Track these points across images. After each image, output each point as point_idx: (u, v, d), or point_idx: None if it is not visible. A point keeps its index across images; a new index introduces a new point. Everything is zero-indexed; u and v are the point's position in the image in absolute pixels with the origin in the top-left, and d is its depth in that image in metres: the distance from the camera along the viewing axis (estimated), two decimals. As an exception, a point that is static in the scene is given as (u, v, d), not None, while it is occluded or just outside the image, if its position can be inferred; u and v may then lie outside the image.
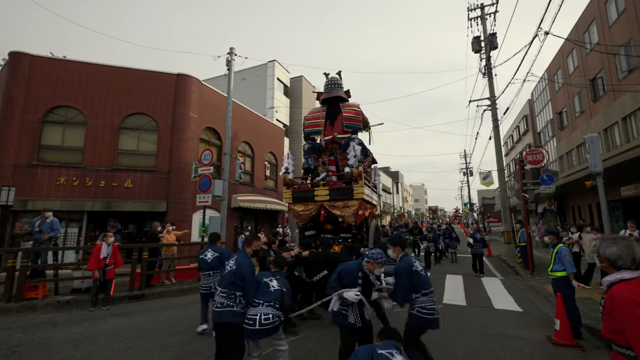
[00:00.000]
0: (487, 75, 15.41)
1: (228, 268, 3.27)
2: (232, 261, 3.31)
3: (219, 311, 3.11)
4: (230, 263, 3.30)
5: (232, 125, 15.55)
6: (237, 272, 3.17)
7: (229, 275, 3.19)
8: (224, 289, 3.16)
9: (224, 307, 3.09)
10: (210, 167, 9.42)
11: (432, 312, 3.38)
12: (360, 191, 6.95)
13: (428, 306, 3.38)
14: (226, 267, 3.32)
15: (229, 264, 3.30)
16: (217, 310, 3.13)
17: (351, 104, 9.07)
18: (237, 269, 3.20)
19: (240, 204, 14.59)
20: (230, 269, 3.22)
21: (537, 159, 9.98)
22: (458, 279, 9.47)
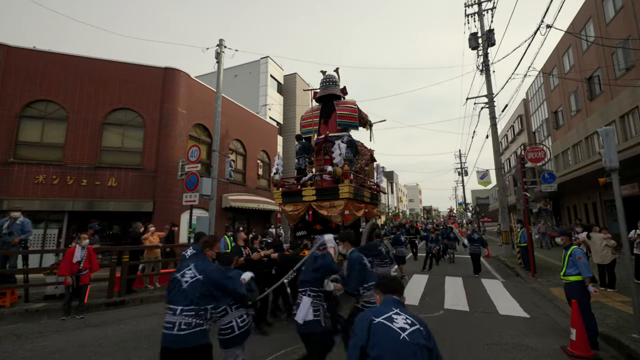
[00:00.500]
0: (485, 72, 15.11)
1: (189, 280, 2.65)
2: (189, 271, 2.70)
3: (184, 334, 2.50)
4: (188, 274, 2.68)
5: (223, 122, 15.02)
6: (206, 281, 2.66)
7: (196, 287, 2.63)
8: (190, 306, 2.56)
9: (191, 328, 2.52)
10: (198, 165, 8.90)
11: None
12: (346, 190, 6.68)
13: (372, 300, 3.32)
14: (183, 280, 2.65)
15: (187, 274, 2.68)
16: (182, 333, 2.49)
17: (346, 102, 8.78)
18: (206, 277, 2.67)
19: (232, 204, 14.06)
20: (194, 280, 2.65)
21: (538, 156, 9.66)
22: (458, 281, 9.09)
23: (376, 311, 1.81)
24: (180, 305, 2.56)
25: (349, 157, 7.75)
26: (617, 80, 16.02)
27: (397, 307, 1.81)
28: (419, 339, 1.65)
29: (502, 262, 12.72)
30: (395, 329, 1.66)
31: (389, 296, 1.91)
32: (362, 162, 8.56)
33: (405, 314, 1.77)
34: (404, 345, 1.60)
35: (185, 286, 2.63)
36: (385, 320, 1.70)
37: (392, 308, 1.79)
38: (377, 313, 1.77)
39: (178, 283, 2.66)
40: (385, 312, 1.76)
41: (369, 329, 1.69)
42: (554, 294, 7.20)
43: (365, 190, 8.05)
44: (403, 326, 1.68)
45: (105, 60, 11.68)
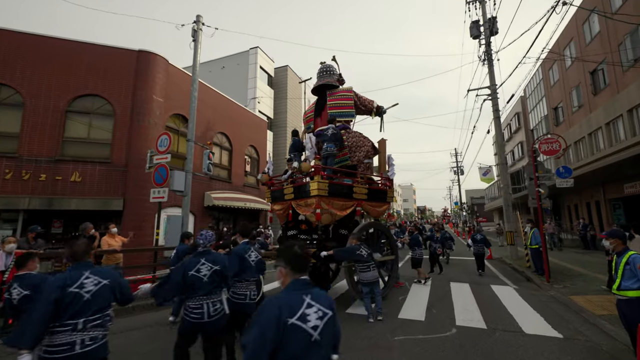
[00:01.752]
0: (487, 62, 14.17)
1: (87, 295, 2.31)
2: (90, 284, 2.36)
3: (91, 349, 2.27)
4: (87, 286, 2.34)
5: (207, 113, 13.83)
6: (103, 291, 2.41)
7: (98, 301, 2.35)
8: (95, 317, 2.32)
9: (97, 342, 2.31)
10: (168, 156, 7.71)
11: (242, 298, 3.82)
12: (315, 187, 6.10)
13: (239, 291, 3.80)
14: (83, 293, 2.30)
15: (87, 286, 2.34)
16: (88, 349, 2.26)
17: (340, 90, 7.87)
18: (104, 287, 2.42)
19: (215, 202, 12.87)
20: (95, 290, 2.36)
21: (552, 148, 8.69)
22: (465, 288, 8.06)
23: (288, 304, 1.54)
24: (86, 315, 2.32)
25: (330, 151, 6.85)
26: (626, 72, 15.25)
27: (308, 294, 1.61)
28: (330, 331, 1.59)
29: (508, 264, 11.76)
30: (308, 329, 1.51)
31: (300, 278, 1.65)
32: (359, 155, 7.52)
33: (316, 302, 1.60)
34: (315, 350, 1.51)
35: (84, 300, 2.34)
36: (299, 320, 1.51)
37: (304, 297, 1.60)
38: (290, 308, 1.53)
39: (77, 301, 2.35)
40: (298, 306, 1.55)
41: (283, 332, 1.45)
42: (580, 305, 6.20)
43: (358, 186, 7.08)
44: (315, 323, 1.54)
45: (70, 40, 10.40)
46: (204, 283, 3.06)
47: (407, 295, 7.43)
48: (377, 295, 5.77)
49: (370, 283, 5.76)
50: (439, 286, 8.34)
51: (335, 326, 1.66)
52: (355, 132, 7.77)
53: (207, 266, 3.13)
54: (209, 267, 3.13)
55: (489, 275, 9.87)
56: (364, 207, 7.14)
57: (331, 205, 6.27)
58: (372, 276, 5.75)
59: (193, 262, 3.15)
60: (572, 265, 10.95)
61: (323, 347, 1.54)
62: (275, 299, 1.57)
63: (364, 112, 8.31)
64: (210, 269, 3.13)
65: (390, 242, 7.89)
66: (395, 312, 6.07)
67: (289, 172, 7.15)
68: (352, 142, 7.48)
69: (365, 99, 8.14)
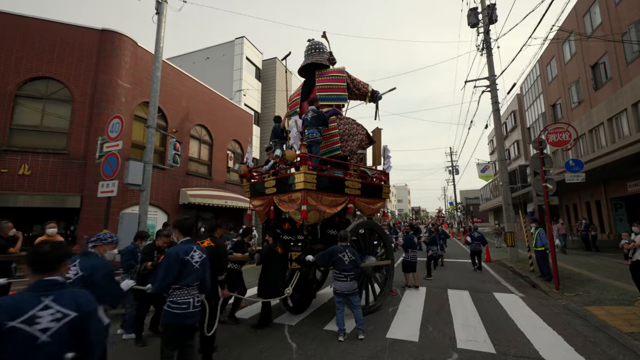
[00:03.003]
0: (486, 51, 13.27)
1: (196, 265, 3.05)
2: None
3: None
4: None
5: (184, 103, 12.70)
6: None
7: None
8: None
9: None
10: (119, 143, 6.57)
11: (185, 307, 3.09)
12: (301, 179, 5.22)
13: (179, 300, 3.08)
14: None
15: None
16: None
17: (331, 70, 6.98)
18: None
19: (191, 200, 11.75)
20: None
21: (562, 138, 7.76)
22: (464, 296, 7.07)
23: (14, 306, 1.46)
24: None
25: (313, 138, 5.96)
26: (630, 64, 14.49)
27: (50, 296, 1.54)
28: (69, 332, 1.55)
29: (509, 268, 10.83)
30: (34, 332, 1.45)
31: (44, 279, 1.59)
32: (352, 144, 6.61)
33: (58, 303, 1.53)
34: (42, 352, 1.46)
35: None
36: (22, 323, 1.43)
37: (42, 299, 1.52)
38: (14, 311, 1.44)
39: None
40: (28, 309, 1.46)
41: None
42: (600, 318, 5.25)
43: (351, 180, 6.12)
44: (47, 325, 1.48)
45: (20, 15, 9.22)
46: None
47: (399, 306, 6.42)
48: (355, 308, 4.76)
49: (344, 295, 4.77)
50: (435, 294, 7.35)
51: (84, 326, 1.60)
52: (348, 119, 6.85)
53: None
54: None
55: (490, 281, 8.92)
56: (356, 204, 6.24)
57: (319, 201, 5.42)
58: (346, 287, 4.74)
59: None
60: (578, 268, 10.06)
61: (54, 348, 1.50)
62: None
63: (358, 97, 7.41)
64: None
65: (386, 244, 7.00)
66: (382, 329, 5.05)
67: (271, 162, 6.32)
68: (344, 130, 6.57)
69: (359, 82, 7.26)
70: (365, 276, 5.98)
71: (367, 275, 6.02)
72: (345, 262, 4.74)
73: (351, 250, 4.84)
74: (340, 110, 7.10)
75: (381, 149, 7.27)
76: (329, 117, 6.55)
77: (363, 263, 5.96)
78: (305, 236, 5.56)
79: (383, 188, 7.13)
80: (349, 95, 7.06)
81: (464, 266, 11.89)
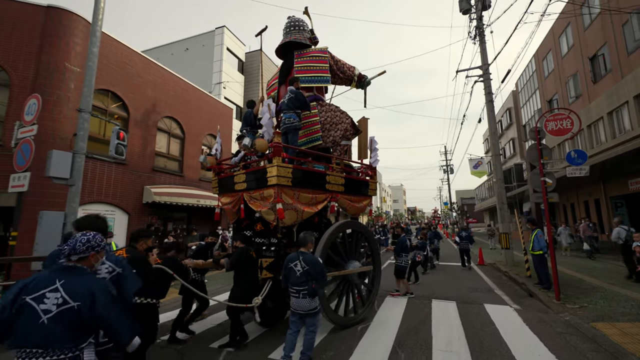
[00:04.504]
0: (479, 38, 12.32)
1: None
2: None
3: None
4: None
5: (149, 93, 11.60)
6: None
7: None
8: None
9: None
10: (34, 127, 5.50)
11: None
12: (274, 173, 4.55)
13: None
14: None
15: None
16: None
17: (312, 50, 6.26)
18: None
19: (156, 199, 10.66)
20: None
21: (562, 127, 6.79)
22: (450, 309, 6.07)
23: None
24: None
25: (290, 124, 5.19)
26: (631, 54, 13.61)
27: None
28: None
29: (503, 273, 9.85)
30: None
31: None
32: (335, 134, 5.95)
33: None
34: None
35: None
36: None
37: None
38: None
39: None
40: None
41: None
42: (613, 340, 4.26)
43: (333, 174, 5.44)
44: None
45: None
46: None
47: (372, 321, 5.40)
48: (307, 332, 3.78)
49: (299, 314, 3.77)
50: (416, 306, 6.33)
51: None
52: (331, 106, 6.17)
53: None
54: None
55: (481, 289, 7.93)
56: (340, 201, 5.58)
57: (296, 198, 4.81)
58: (298, 306, 3.75)
59: None
60: (580, 273, 9.10)
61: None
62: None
63: (342, 81, 6.65)
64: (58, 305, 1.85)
65: (372, 248, 6.22)
66: (342, 356, 4.03)
67: (241, 153, 5.63)
68: (325, 118, 5.91)
69: (344, 64, 6.50)
70: (348, 283, 5.36)
71: (350, 282, 5.39)
72: (296, 274, 3.76)
73: (309, 258, 3.84)
74: (322, 96, 6.41)
75: (368, 140, 6.51)
76: (310, 103, 5.79)
77: (345, 269, 5.25)
78: (279, 239, 4.87)
79: (369, 184, 6.42)
80: (333, 79, 6.31)
81: (455, 270, 10.91)
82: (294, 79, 5.57)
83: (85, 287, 1.89)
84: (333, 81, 6.37)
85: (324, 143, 5.83)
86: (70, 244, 1.98)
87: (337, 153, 5.97)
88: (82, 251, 1.99)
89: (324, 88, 6.60)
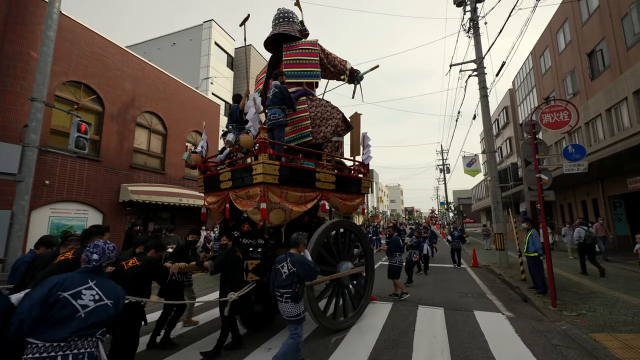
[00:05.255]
0: (473, 31, 11.84)
1: None
2: None
3: None
4: None
5: (127, 86, 11.05)
6: None
7: None
8: None
9: None
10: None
11: None
12: (260, 171, 4.34)
13: None
14: None
15: None
16: None
17: (302, 43, 6.02)
18: None
19: (133, 197, 10.10)
20: None
21: (559, 119, 6.30)
22: (437, 317, 5.56)
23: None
24: None
25: (276, 120, 5.02)
26: (631, 48, 13.17)
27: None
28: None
29: (497, 275, 9.37)
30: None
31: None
32: (326, 130, 5.71)
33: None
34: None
35: None
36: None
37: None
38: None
39: None
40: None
41: None
42: (615, 355, 3.76)
43: (323, 172, 5.21)
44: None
45: None
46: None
47: (349, 331, 4.89)
48: (288, 338, 3.46)
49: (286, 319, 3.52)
50: (400, 313, 5.82)
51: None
52: (321, 100, 6.00)
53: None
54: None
55: (473, 293, 7.43)
56: (331, 200, 5.35)
57: (284, 197, 4.60)
58: (282, 310, 3.50)
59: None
60: (577, 276, 8.63)
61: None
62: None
63: (333, 76, 6.43)
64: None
65: (365, 248, 6.04)
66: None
67: (226, 150, 5.39)
68: (315, 113, 5.70)
69: (335, 57, 6.26)
70: (339, 285, 5.12)
71: (341, 285, 5.15)
72: (282, 276, 3.51)
73: (297, 259, 3.53)
74: (312, 91, 6.21)
75: (360, 136, 6.26)
76: (298, 98, 5.67)
77: (338, 272, 5.04)
78: (266, 240, 4.71)
79: (362, 182, 6.21)
80: (323, 73, 6.18)
81: (448, 272, 10.42)
82: (278, 73, 5.35)
83: (114, 289, 2.21)
84: (324, 75, 6.20)
85: (314, 139, 5.57)
86: (98, 251, 2.23)
87: (327, 149, 5.71)
88: (109, 257, 2.28)
89: (314, 82, 6.40)
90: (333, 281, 5.06)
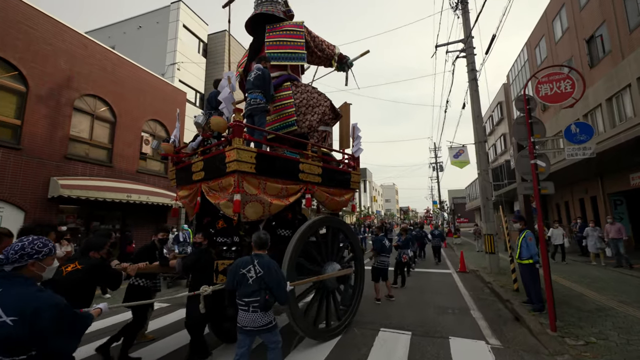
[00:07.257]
0: (461, 6, 10.52)
1: None
2: None
3: None
4: None
5: (62, 64, 9.54)
6: None
7: None
8: None
9: None
10: None
11: None
12: (233, 157, 3.66)
13: None
14: None
15: None
16: None
17: (286, 25, 5.52)
18: None
19: (64, 192, 8.62)
20: None
21: (559, 90, 4.97)
22: (399, 347, 4.18)
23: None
24: None
25: (256, 105, 4.49)
26: (633, 32, 11.95)
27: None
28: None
29: (486, 284, 8.02)
30: None
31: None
32: (312, 119, 5.22)
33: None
34: None
35: None
36: None
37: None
38: None
39: None
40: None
41: None
42: None
43: (308, 163, 4.65)
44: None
45: None
46: None
47: None
48: (270, 351, 3.00)
49: (248, 331, 2.93)
50: (352, 341, 4.43)
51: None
52: (307, 86, 5.51)
53: None
54: None
55: (454, 308, 6.07)
56: (316, 194, 4.85)
57: (262, 189, 4.04)
58: (248, 321, 2.90)
59: None
60: (581, 284, 7.31)
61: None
62: None
63: (321, 61, 5.98)
64: None
65: (354, 248, 5.61)
66: None
67: (199, 138, 4.86)
68: (301, 100, 5.24)
69: (322, 41, 5.77)
70: (325, 290, 4.63)
71: (327, 288, 4.66)
72: (248, 281, 2.95)
73: (265, 262, 3.02)
74: (297, 76, 5.65)
75: (350, 127, 5.85)
76: (282, 83, 5.24)
77: (325, 273, 4.51)
78: (241, 238, 4.31)
79: (352, 176, 5.63)
80: (310, 58, 5.73)
81: (431, 278, 9.06)
82: (262, 57, 4.87)
83: (22, 300, 1.63)
84: (310, 60, 5.82)
85: (299, 128, 5.10)
86: (9, 249, 1.77)
87: (314, 140, 5.21)
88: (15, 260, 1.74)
89: (299, 67, 5.85)
90: (317, 284, 4.51)
